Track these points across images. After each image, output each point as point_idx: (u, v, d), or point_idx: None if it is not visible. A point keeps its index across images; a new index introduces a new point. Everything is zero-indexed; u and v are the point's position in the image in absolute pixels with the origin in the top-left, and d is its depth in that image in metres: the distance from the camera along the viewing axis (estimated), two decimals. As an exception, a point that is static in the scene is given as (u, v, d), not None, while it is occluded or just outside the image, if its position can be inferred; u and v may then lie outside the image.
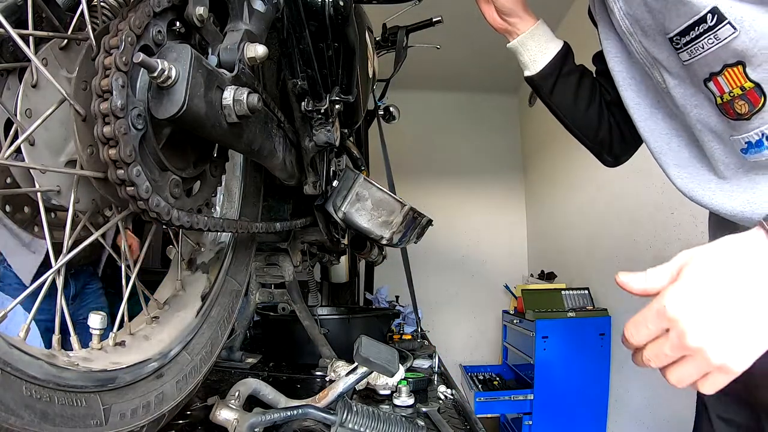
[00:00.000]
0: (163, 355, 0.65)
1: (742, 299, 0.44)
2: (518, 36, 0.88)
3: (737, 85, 0.57)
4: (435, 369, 1.19)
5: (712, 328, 0.44)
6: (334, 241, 1.26)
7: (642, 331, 0.48)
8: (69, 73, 0.54)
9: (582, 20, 0.90)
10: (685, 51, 0.59)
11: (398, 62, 1.77)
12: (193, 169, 0.64)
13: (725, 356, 0.43)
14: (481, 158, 3.99)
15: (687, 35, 0.57)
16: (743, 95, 0.57)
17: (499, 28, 0.90)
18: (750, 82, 0.55)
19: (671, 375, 0.48)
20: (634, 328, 0.49)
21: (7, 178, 0.56)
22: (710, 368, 0.44)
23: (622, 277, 0.51)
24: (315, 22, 0.70)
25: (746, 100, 0.57)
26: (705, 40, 0.56)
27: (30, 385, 0.44)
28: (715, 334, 0.43)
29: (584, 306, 2.65)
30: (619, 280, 0.52)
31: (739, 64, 0.55)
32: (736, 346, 0.44)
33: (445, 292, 3.80)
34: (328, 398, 0.73)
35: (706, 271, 0.45)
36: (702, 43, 0.56)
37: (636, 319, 0.49)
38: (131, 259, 0.65)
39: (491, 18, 0.90)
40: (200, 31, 0.56)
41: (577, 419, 2.51)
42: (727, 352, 0.43)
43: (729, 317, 0.44)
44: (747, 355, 0.44)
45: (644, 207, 2.20)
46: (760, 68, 0.54)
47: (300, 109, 0.84)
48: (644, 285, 0.50)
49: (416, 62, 2.28)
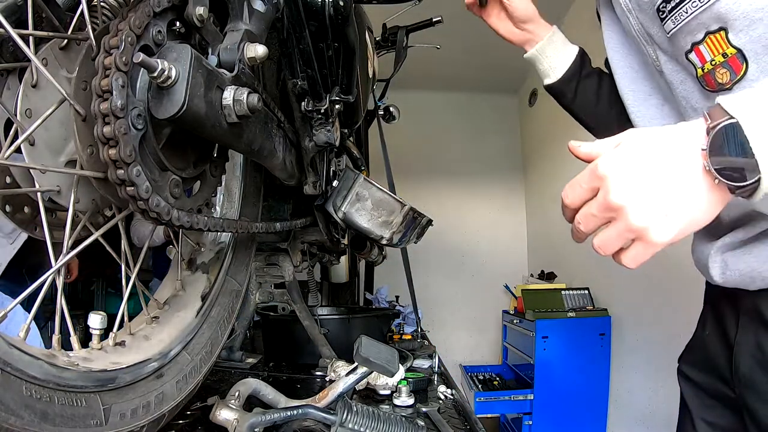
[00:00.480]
0: (163, 355, 0.65)
1: (671, 173, 0.45)
2: (537, 44, 0.87)
3: (719, 51, 0.57)
4: (435, 369, 1.19)
5: (636, 190, 0.45)
6: (334, 241, 1.26)
7: (576, 190, 0.50)
8: (69, 73, 0.54)
9: (582, 20, 0.91)
10: (669, 19, 0.60)
11: (398, 62, 1.77)
12: (193, 169, 0.63)
13: (645, 219, 0.45)
14: (482, 158, 3.99)
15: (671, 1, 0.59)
16: (725, 62, 0.57)
17: (517, 40, 0.89)
18: (732, 47, 0.56)
19: (597, 239, 0.50)
20: (570, 188, 0.52)
21: (7, 178, 0.56)
22: (630, 231, 0.46)
23: (573, 143, 0.54)
24: (315, 22, 0.70)
25: (728, 67, 0.57)
26: (688, 4, 0.57)
27: (30, 385, 0.44)
28: (638, 195, 0.45)
29: (584, 306, 2.65)
30: (570, 146, 0.54)
31: (722, 30, 0.56)
32: (656, 213, 0.44)
33: (445, 292, 3.80)
34: (328, 398, 0.73)
35: (643, 142, 0.47)
36: (686, 7, 0.57)
37: (572, 180, 0.51)
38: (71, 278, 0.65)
39: (507, 31, 0.89)
40: (200, 31, 0.56)
41: (577, 419, 2.51)
42: (648, 216, 0.45)
43: (654, 184, 0.45)
44: (667, 226, 0.45)
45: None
46: (742, 33, 0.55)
47: (300, 109, 0.84)
48: (589, 150, 0.52)
49: (416, 62, 2.28)
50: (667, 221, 0.45)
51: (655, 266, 2.12)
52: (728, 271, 0.67)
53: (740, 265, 0.65)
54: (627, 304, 2.38)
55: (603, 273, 2.64)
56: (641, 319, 2.24)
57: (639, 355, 2.28)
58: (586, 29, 0.88)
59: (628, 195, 0.45)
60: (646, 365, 2.21)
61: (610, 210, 0.47)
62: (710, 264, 0.70)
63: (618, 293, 2.48)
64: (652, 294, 2.14)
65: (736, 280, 0.66)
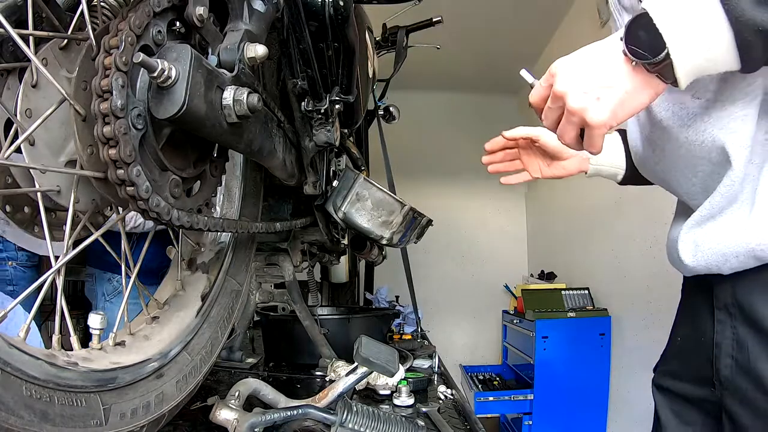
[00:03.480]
0: (163, 355, 0.65)
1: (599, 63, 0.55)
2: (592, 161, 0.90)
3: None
4: (435, 369, 1.19)
5: (573, 79, 0.56)
6: (334, 241, 1.26)
7: (537, 90, 0.62)
8: (69, 73, 0.54)
9: (582, 20, 0.91)
10: None
11: (398, 62, 1.77)
12: (193, 169, 0.63)
13: (580, 102, 0.55)
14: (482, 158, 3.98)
15: None
16: None
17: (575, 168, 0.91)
18: None
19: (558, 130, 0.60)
20: (534, 91, 0.63)
21: (7, 178, 0.56)
22: (572, 113, 0.56)
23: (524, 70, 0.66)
24: (315, 22, 0.70)
25: None
26: None
27: (30, 385, 0.44)
28: (574, 83, 0.55)
29: (584, 306, 2.64)
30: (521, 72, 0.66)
31: None
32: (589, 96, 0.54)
33: (445, 292, 3.79)
34: (328, 398, 0.73)
35: (588, 47, 0.57)
36: None
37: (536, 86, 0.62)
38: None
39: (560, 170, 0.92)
40: (200, 31, 0.56)
41: (577, 419, 2.51)
42: (582, 99, 0.54)
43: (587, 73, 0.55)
44: (600, 107, 0.54)
45: (644, 207, 2.20)
46: None
47: (300, 109, 0.84)
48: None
49: (416, 62, 2.28)
50: (600, 103, 0.54)
51: (656, 266, 2.12)
52: (699, 252, 0.65)
53: (710, 243, 0.63)
54: (627, 304, 2.38)
55: (603, 273, 2.64)
56: (641, 319, 2.24)
57: (639, 355, 2.27)
58: (587, 29, 0.88)
59: (568, 83, 0.56)
60: (646, 365, 2.21)
61: (558, 98, 0.57)
62: (680, 247, 0.68)
63: (618, 293, 2.48)
64: (652, 294, 2.14)
65: (708, 261, 0.64)
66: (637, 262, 2.28)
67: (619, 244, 2.47)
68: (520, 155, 0.95)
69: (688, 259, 0.67)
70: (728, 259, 0.61)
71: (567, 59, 0.57)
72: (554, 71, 0.58)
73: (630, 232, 2.34)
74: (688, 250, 0.67)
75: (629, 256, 2.36)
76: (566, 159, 0.90)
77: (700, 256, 0.65)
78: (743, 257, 0.60)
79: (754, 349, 0.60)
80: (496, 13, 2.87)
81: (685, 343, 0.76)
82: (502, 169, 0.96)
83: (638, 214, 2.27)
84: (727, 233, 0.61)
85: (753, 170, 0.59)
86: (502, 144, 0.96)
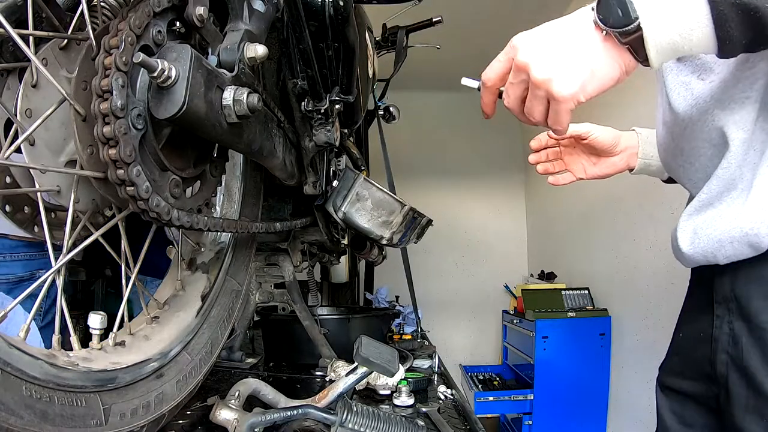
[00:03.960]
0: (163, 355, 0.65)
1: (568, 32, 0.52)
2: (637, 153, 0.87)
3: None
4: (435, 369, 1.19)
5: (537, 49, 0.52)
6: (334, 241, 1.26)
7: (494, 66, 0.58)
8: (69, 73, 0.54)
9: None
10: None
11: (398, 62, 1.77)
12: (193, 169, 0.63)
13: (546, 72, 0.51)
14: (481, 158, 3.98)
15: None
16: None
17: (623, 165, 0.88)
18: None
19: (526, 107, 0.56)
20: (489, 68, 0.58)
21: (7, 178, 0.56)
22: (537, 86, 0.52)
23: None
24: (315, 22, 0.70)
25: None
26: None
27: (30, 385, 0.44)
28: (538, 52, 0.52)
29: (584, 306, 2.64)
30: None
31: None
32: (556, 66, 0.51)
33: (445, 292, 3.79)
34: (328, 398, 0.73)
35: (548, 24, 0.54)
36: None
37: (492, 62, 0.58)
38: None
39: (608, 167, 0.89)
40: (200, 31, 0.56)
41: (577, 419, 2.51)
42: (548, 69, 0.51)
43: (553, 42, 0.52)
44: (568, 77, 0.51)
45: (644, 207, 2.20)
46: None
47: (300, 109, 0.84)
48: None
49: (416, 62, 2.28)
50: (567, 73, 0.51)
51: (656, 266, 2.12)
52: (697, 239, 0.64)
53: (708, 229, 0.63)
54: (627, 304, 2.38)
55: (603, 273, 2.64)
56: (641, 319, 2.24)
57: (639, 355, 2.27)
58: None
59: (531, 53, 0.52)
60: (646, 365, 2.21)
61: (520, 71, 0.54)
62: (679, 235, 0.67)
63: (618, 293, 2.48)
64: (652, 294, 2.14)
65: (705, 249, 0.63)
66: (637, 262, 2.28)
67: (619, 244, 2.47)
68: (561, 155, 0.92)
69: (686, 247, 0.66)
70: (723, 245, 0.60)
71: (529, 32, 0.54)
72: (515, 44, 0.55)
73: (630, 232, 2.34)
74: (687, 238, 0.66)
75: (629, 256, 2.36)
76: (617, 155, 0.87)
77: (698, 243, 0.64)
78: (737, 243, 0.59)
79: (746, 344, 0.60)
80: (496, 13, 2.87)
81: (686, 339, 0.75)
82: (551, 169, 0.92)
83: (638, 214, 2.26)
84: (723, 219, 0.61)
85: (754, 156, 0.58)
86: (546, 142, 0.92)
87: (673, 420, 0.74)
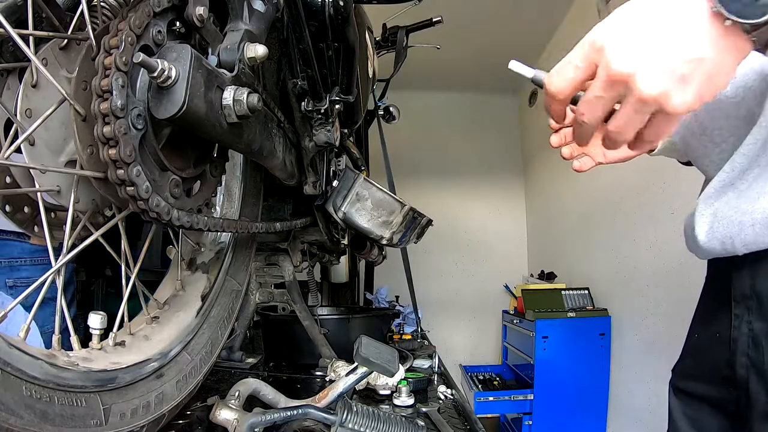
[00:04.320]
0: (163, 355, 0.65)
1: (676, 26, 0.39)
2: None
3: None
4: (435, 369, 1.19)
5: (642, 52, 0.39)
6: (334, 241, 1.26)
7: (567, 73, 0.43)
8: (69, 73, 0.54)
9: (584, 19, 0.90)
10: None
11: (398, 62, 1.77)
12: (193, 169, 0.63)
13: (659, 84, 0.39)
14: (481, 158, 3.99)
15: None
16: None
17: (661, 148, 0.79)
18: None
19: (610, 123, 0.43)
20: (557, 73, 0.43)
21: (7, 178, 0.56)
22: (645, 103, 0.40)
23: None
24: (315, 22, 0.70)
25: None
26: None
27: (30, 385, 0.44)
28: (645, 58, 0.39)
29: (584, 306, 2.65)
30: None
31: None
32: (670, 75, 0.39)
33: (445, 292, 3.80)
34: (328, 398, 0.73)
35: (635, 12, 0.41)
36: None
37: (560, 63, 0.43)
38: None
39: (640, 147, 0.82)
40: (200, 31, 0.56)
41: (577, 419, 2.51)
42: (661, 80, 0.39)
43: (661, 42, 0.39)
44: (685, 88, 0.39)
45: (644, 207, 2.20)
46: None
47: (300, 109, 0.84)
48: None
49: (416, 62, 2.28)
50: (685, 82, 0.39)
51: (656, 266, 2.12)
52: (716, 222, 0.59)
53: (729, 211, 0.57)
54: (627, 304, 2.38)
55: (603, 273, 2.64)
56: (641, 319, 2.24)
57: (639, 355, 2.28)
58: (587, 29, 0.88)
59: (635, 60, 0.39)
60: (646, 365, 2.21)
61: (617, 83, 0.40)
62: (697, 219, 0.62)
63: (618, 293, 2.48)
64: (652, 294, 2.14)
65: (723, 234, 0.57)
66: (637, 262, 2.28)
67: (619, 244, 2.47)
68: None
69: (703, 234, 0.60)
70: (744, 228, 0.54)
71: (616, 25, 0.40)
72: (601, 44, 0.41)
73: (630, 232, 2.34)
74: (706, 223, 0.60)
75: (629, 256, 2.36)
76: None
77: (717, 228, 0.58)
78: (759, 226, 0.53)
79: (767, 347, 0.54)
80: (496, 13, 2.87)
81: (701, 341, 0.70)
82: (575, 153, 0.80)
83: (638, 214, 2.27)
84: (745, 199, 0.55)
85: None
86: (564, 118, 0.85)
87: (687, 424, 0.70)
